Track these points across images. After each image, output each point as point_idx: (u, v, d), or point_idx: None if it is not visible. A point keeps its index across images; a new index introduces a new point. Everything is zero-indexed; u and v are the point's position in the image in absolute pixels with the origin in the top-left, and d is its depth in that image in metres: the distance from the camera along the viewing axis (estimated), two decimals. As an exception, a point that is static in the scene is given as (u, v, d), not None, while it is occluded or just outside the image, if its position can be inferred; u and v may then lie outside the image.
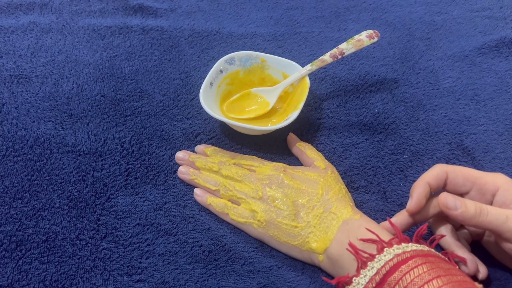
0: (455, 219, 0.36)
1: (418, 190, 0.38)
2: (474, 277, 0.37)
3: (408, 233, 0.44)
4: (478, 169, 0.48)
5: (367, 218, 0.40)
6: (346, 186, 0.46)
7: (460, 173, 0.38)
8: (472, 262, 0.37)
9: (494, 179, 0.37)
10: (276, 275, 0.41)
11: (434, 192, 0.40)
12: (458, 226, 0.41)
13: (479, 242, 0.42)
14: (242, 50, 0.54)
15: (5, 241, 0.42)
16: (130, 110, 0.54)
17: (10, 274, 0.40)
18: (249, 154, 0.50)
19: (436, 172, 0.39)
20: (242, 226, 0.43)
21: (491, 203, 0.37)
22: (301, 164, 0.49)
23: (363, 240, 0.36)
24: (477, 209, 0.35)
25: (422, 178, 0.39)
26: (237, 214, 0.43)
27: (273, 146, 0.51)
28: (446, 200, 0.36)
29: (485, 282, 0.39)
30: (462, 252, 0.37)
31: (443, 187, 0.40)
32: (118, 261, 0.41)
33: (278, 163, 0.46)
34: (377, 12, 0.70)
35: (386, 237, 0.36)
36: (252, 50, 0.55)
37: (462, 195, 0.39)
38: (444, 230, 0.39)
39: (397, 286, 0.31)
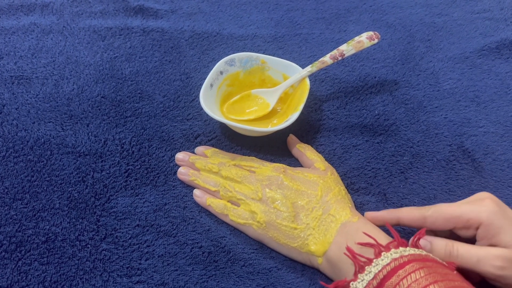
0: None
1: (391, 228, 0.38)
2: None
3: (406, 236, 0.44)
4: (478, 171, 0.49)
5: (366, 221, 0.40)
6: (346, 187, 0.46)
7: (439, 216, 0.37)
8: None
9: (477, 214, 0.35)
10: (275, 276, 0.41)
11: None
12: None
13: None
14: (243, 51, 0.54)
15: (5, 242, 0.42)
16: (131, 111, 0.55)
17: (9, 275, 0.40)
18: (249, 155, 0.50)
19: (412, 217, 0.38)
20: (241, 227, 0.43)
21: (475, 235, 0.36)
22: (301, 166, 0.49)
23: (361, 244, 0.36)
24: (446, 251, 0.35)
25: (397, 218, 0.39)
26: (236, 215, 0.43)
27: (273, 148, 0.51)
28: (418, 241, 0.36)
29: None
30: None
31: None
32: (118, 262, 0.41)
33: (278, 164, 0.46)
34: (378, 14, 0.70)
35: (384, 240, 0.36)
36: (252, 52, 0.55)
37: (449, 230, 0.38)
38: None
39: None
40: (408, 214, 0.39)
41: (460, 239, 0.37)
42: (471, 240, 0.36)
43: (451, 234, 0.38)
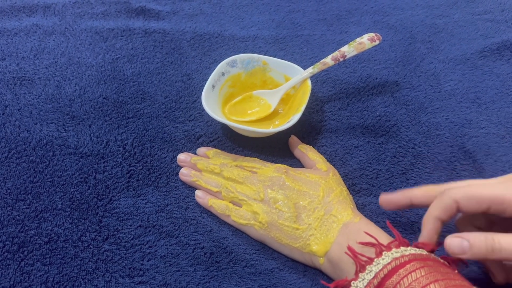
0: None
1: (428, 226, 0.35)
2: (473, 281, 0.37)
3: (408, 236, 0.44)
4: (479, 172, 0.49)
5: (367, 221, 0.40)
6: (348, 188, 0.46)
7: (472, 198, 0.33)
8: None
9: None
10: (277, 277, 0.41)
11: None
12: (483, 226, 0.38)
13: None
14: (244, 52, 0.54)
15: (8, 242, 0.42)
16: (132, 112, 0.55)
17: (12, 275, 0.40)
18: (250, 156, 0.50)
19: (444, 204, 0.34)
20: (243, 228, 0.43)
21: None
22: (303, 166, 0.49)
23: (362, 243, 0.36)
24: (488, 246, 0.31)
25: (430, 213, 0.35)
26: (238, 216, 0.43)
27: (274, 148, 0.51)
28: (450, 245, 0.32)
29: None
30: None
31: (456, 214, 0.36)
32: (120, 263, 0.42)
33: (279, 165, 0.46)
34: (379, 15, 0.70)
35: (385, 240, 0.36)
36: (254, 53, 0.55)
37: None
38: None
39: None
40: (439, 202, 0.35)
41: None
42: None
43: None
